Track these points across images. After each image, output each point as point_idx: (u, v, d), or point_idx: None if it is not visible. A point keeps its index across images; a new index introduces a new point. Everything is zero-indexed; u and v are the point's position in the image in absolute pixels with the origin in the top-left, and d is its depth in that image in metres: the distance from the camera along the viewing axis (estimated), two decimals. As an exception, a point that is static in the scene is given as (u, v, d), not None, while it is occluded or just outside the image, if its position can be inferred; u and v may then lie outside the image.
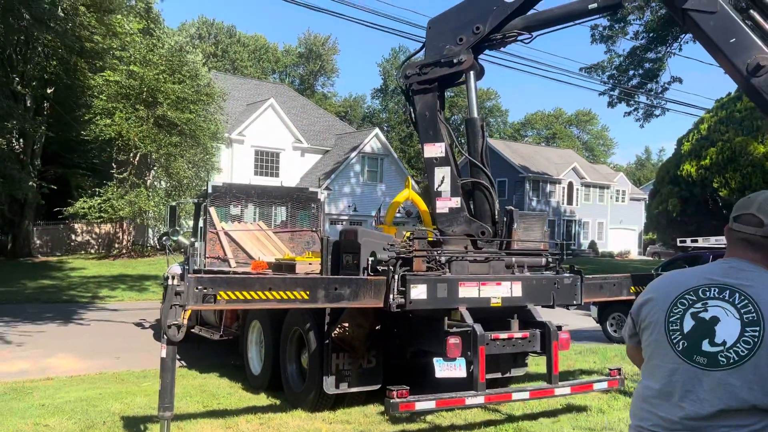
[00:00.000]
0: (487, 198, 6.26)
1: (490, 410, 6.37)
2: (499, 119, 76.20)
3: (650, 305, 2.07)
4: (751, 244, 1.97)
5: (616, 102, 24.30)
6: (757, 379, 1.79)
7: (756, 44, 5.31)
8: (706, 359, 1.87)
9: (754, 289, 1.89)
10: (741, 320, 1.86)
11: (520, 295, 5.92)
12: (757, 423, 1.79)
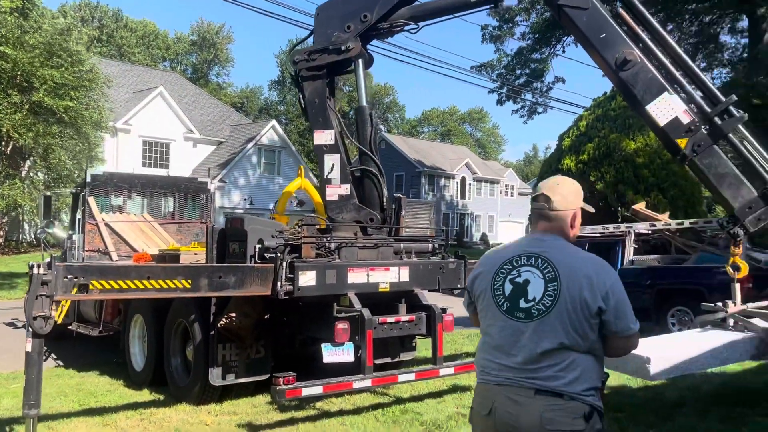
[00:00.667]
0: (376, 185, 6.34)
1: (379, 394, 6.47)
2: (397, 114, 77.46)
3: (481, 277, 2.55)
4: (544, 218, 2.52)
5: (505, 100, 25.46)
6: (560, 324, 2.30)
7: (623, 39, 5.72)
8: (524, 314, 2.36)
9: (550, 253, 2.41)
10: (544, 279, 2.37)
11: (407, 280, 6.05)
12: (567, 358, 2.29)
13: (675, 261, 11.68)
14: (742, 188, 5.57)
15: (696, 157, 5.59)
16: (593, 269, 2.38)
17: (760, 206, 5.49)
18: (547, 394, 2.27)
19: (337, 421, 5.57)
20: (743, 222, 5.54)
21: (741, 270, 5.80)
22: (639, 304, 10.98)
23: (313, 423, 5.51)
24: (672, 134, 5.65)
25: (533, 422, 2.25)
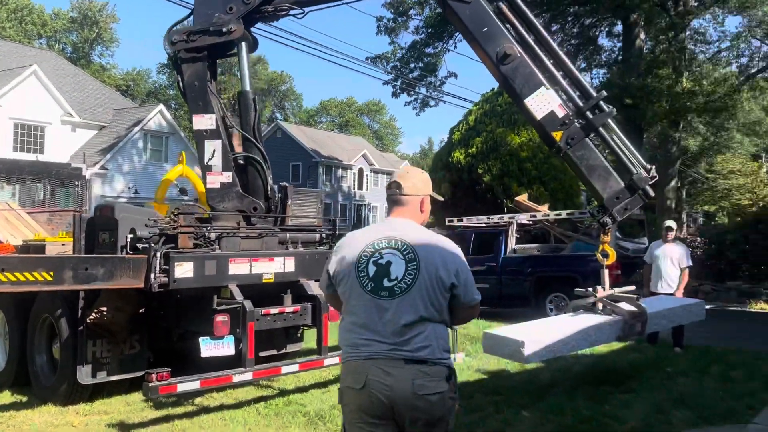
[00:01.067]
0: (260, 173, 6.18)
1: (263, 387, 6.35)
2: (294, 103, 76.42)
3: (343, 261, 2.68)
4: (397, 203, 2.77)
5: (399, 92, 25.76)
6: (420, 299, 2.55)
7: (504, 34, 5.91)
8: (387, 292, 2.57)
9: (408, 236, 2.65)
10: (404, 260, 2.60)
11: (293, 270, 5.94)
12: (427, 329, 2.54)
13: (553, 250, 12.35)
14: (611, 179, 5.94)
15: (570, 149, 5.90)
16: (445, 250, 2.69)
17: (626, 196, 5.89)
18: (414, 363, 2.49)
19: (216, 416, 5.39)
20: (611, 211, 5.93)
21: (609, 257, 6.20)
22: (520, 291, 11.56)
23: (191, 419, 5.30)
24: (548, 127, 5.92)
25: (406, 389, 2.46)
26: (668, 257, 8.18)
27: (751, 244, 15.07)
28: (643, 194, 5.90)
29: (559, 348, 5.47)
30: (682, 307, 6.80)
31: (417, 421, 2.48)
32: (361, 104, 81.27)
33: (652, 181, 5.95)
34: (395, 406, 2.48)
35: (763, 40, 23.01)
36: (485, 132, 17.62)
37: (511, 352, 5.26)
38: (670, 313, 6.61)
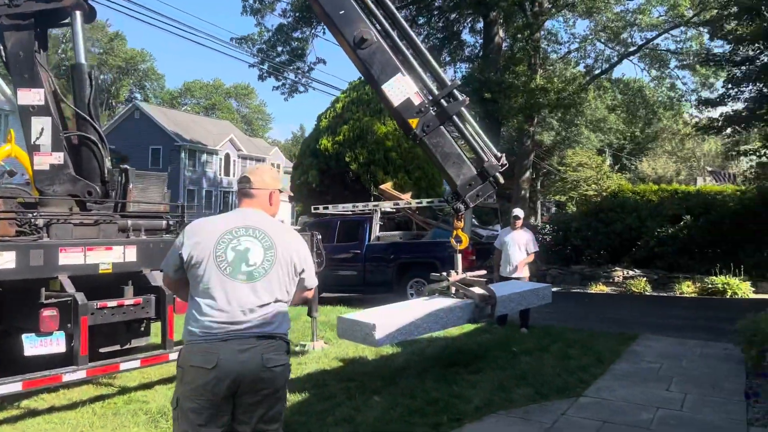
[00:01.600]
0: (96, 155, 5.68)
1: (103, 385, 5.90)
2: (156, 83, 72.25)
3: (198, 246, 2.80)
4: (248, 196, 2.98)
5: (266, 76, 25.15)
6: (276, 282, 2.81)
7: (361, 18, 5.86)
8: (246, 276, 2.76)
9: (264, 226, 2.88)
10: (263, 247, 2.82)
11: (134, 260, 5.53)
12: (276, 308, 2.80)
13: (414, 237, 12.67)
14: (464, 167, 6.12)
15: (425, 136, 5.99)
16: (297, 240, 2.99)
17: (478, 183, 6.10)
18: (264, 338, 2.75)
19: (43, 419, 4.91)
20: (464, 198, 6.12)
21: (462, 242, 6.40)
22: (383, 277, 11.74)
23: (13, 425, 4.79)
24: (405, 114, 5.97)
25: (257, 363, 2.69)
26: (516, 243, 8.64)
27: (593, 231, 16.40)
28: (494, 181, 6.15)
29: (411, 331, 5.56)
30: (530, 291, 7.17)
31: (260, 392, 2.70)
32: (228, 87, 78.58)
33: (503, 168, 6.21)
34: (243, 382, 2.66)
35: (606, 44, 25.02)
36: (352, 120, 17.67)
37: (364, 335, 5.27)
38: (519, 297, 6.96)
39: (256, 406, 2.70)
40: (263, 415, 2.72)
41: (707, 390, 5.76)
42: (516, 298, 6.90)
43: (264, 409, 2.72)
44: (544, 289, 7.38)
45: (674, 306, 12.07)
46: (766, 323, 6.34)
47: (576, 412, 5.09)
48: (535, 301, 7.25)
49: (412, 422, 4.71)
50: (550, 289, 7.56)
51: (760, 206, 14.48)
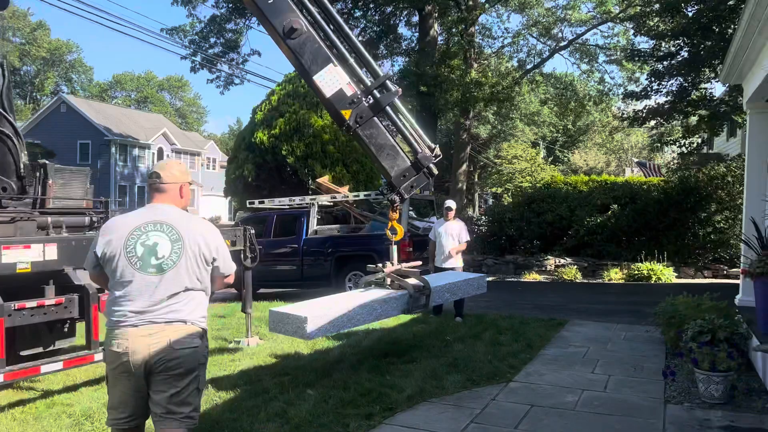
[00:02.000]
0: (11, 149, 5.42)
1: (25, 389, 5.64)
2: (83, 76, 69.34)
3: (111, 244, 3.04)
4: (159, 191, 3.18)
5: (199, 68, 24.54)
6: (186, 273, 3.05)
7: (291, 8, 5.78)
8: (155, 269, 3.01)
9: (172, 220, 3.09)
10: (170, 240, 3.05)
11: (55, 258, 5.32)
12: (188, 296, 3.07)
13: (352, 230, 12.68)
14: (398, 158, 6.13)
15: (359, 128, 5.97)
16: (205, 230, 3.18)
17: (412, 174, 6.13)
18: (174, 323, 3.02)
19: (-43, 428, 4.66)
20: (399, 189, 6.14)
21: (398, 233, 6.42)
22: (321, 270, 11.70)
23: None
24: (337, 105, 5.94)
25: (164, 346, 2.97)
26: (449, 234, 8.79)
27: (526, 222, 16.83)
28: (428, 172, 6.19)
29: (344, 323, 5.55)
30: (465, 281, 7.24)
31: (169, 372, 2.98)
32: (161, 79, 76.24)
33: (436, 159, 6.24)
34: (153, 363, 2.96)
35: (538, 39, 25.66)
36: (288, 113, 17.47)
37: (295, 328, 5.21)
38: (454, 287, 7.02)
39: (166, 386, 2.98)
40: (174, 395, 2.99)
41: (629, 371, 6.03)
42: (451, 288, 6.97)
43: (175, 390, 2.99)
44: (479, 279, 7.49)
45: (602, 292, 12.55)
46: (683, 306, 6.67)
47: (505, 397, 5.23)
48: (470, 291, 7.35)
49: (345, 414, 4.72)
50: (485, 278, 7.66)
51: (681, 195, 15.20)
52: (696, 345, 5.13)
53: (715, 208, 15.00)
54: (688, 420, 4.63)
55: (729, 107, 16.61)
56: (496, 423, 4.58)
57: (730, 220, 14.82)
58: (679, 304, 6.76)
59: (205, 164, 53.56)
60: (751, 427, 4.48)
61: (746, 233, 6.98)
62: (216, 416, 4.69)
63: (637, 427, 4.48)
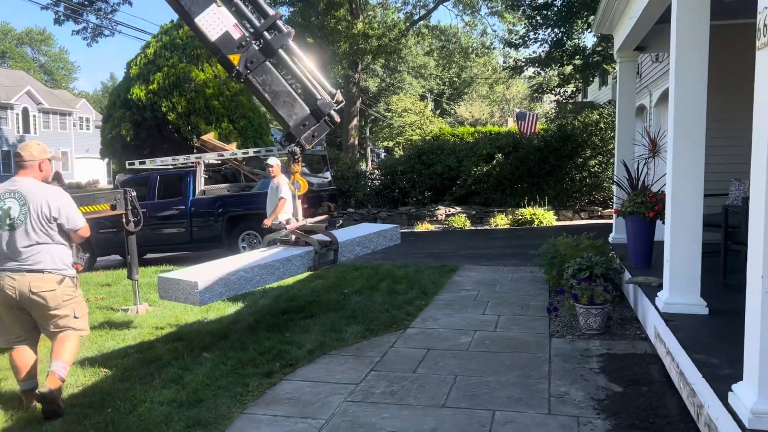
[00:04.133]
0: None
1: None
2: (-75, 29, 61.54)
3: None
4: (22, 167, 4.09)
5: (63, 19, 22.44)
6: (32, 229, 3.95)
7: None
8: (9, 227, 3.93)
9: (22, 189, 4.01)
10: (19, 204, 3.96)
11: None
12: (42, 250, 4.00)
13: (243, 189, 12.32)
14: (296, 106, 5.77)
15: (250, 74, 5.61)
16: (50, 196, 4.04)
17: (312, 123, 5.77)
18: (32, 272, 3.96)
19: None
20: (299, 140, 5.80)
21: (301, 187, 6.16)
22: (212, 232, 11.32)
23: None
24: (224, 50, 5.56)
25: (26, 290, 3.94)
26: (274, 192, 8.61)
27: (417, 174, 17.15)
28: (330, 120, 5.88)
29: (242, 285, 5.30)
30: (376, 234, 6.92)
31: (37, 309, 4.02)
32: (20, 32, 69.23)
33: (338, 106, 5.93)
34: (22, 301, 3.95)
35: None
36: (167, 67, 16.49)
37: (186, 294, 4.95)
38: (365, 240, 6.71)
39: (41, 317, 4.08)
40: (50, 322, 4.09)
41: (517, 310, 6.37)
42: (362, 241, 6.69)
43: (49, 319, 4.07)
44: (392, 230, 7.18)
45: (490, 238, 13.12)
46: (563, 246, 7.09)
47: (403, 343, 5.36)
48: (383, 243, 7.05)
49: (244, 374, 4.65)
50: (398, 229, 7.32)
51: (560, 143, 16.05)
52: (576, 282, 5.48)
53: (590, 153, 16.00)
54: (571, 351, 4.97)
55: (600, 57, 17.60)
56: (395, 369, 4.68)
57: (603, 165, 15.89)
58: (560, 245, 7.18)
59: (78, 124, 49.78)
60: (626, 353, 4.88)
61: (618, 175, 7.49)
62: (106, 387, 4.46)
63: (526, 362, 4.75)
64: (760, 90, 2.52)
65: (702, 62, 4.21)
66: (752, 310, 2.56)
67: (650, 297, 4.90)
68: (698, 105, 4.23)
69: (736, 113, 6.74)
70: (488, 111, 45.38)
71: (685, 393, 3.62)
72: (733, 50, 6.96)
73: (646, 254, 6.30)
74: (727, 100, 7.08)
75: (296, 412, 3.94)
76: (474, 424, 3.65)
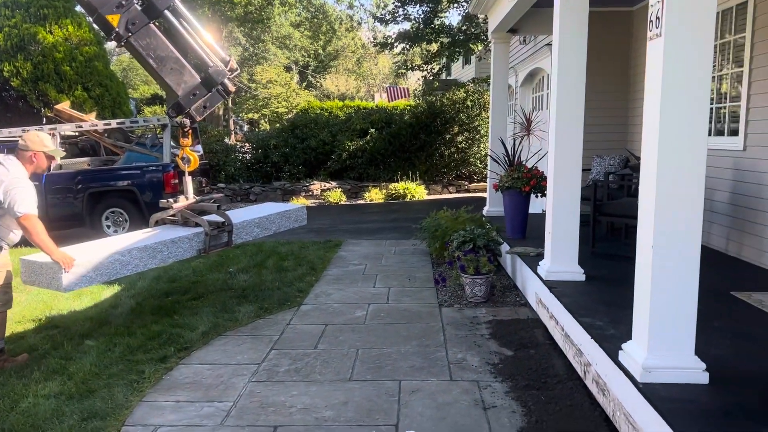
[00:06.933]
0: None
1: None
2: None
3: None
4: (17, 151, 4.31)
5: None
6: None
7: None
8: None
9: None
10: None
11: None
12: None
13: (105, 163, 11.46)
14: (185, 73, 5.37)
15: (131, 37, 5.17)
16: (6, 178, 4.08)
17: (203, 93, 5.40)
18: None
19: None
20: (189, 110, 5.38)
21: (192, 162, 5.74)
22: (71, 209, 10.45)
23: None
24: (101, 9, 5.07)
25: None
26: None
27: (290, 148, 16.91)
28: (223, 89, 5.53)
29: (117, 270, 4.87)
30: (279, 215, 6.60)
31: None
32: None
33: (233, 74, 5.59)
34: None
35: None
36: (8, 27, 14.77)
37: (50, 279, 4.43)
38: (265, 221, 6.38)
39: None
40: None
41: (405, 282, 6.58)
42: (262, 222, 6.34)
43: None
44: (297, 211, 6.83)
45: (367, 212, 13.33)
46: (444, 220, 7.41)
47: (300, 320, 5.35)
48: (287, 224, 6.71)
49: (136, 360, 4.41)
50: (304, 210, 6.97)
51: (430, 119, 16.57)
52: (462, 253, 5.77)
53: (458, 130, 16.68)
54: (461, 319, 5.25)
55: (465, 36, 18.32)
56: (296, 346, 4.67)
57: (470, 141, 16.65)
58: (441, 218, 7.49)
59: None
60: (511, 318, 5.25)
61: (494, 150, 7.91)
62: (-25, 386, 4.02)
63: (422, 331, 4.95)
64: (650, 76, 2.79)
65: (581, 46, 4.54)
66: (642, 277, 2.86)
67: (531, 266, 5.29)
68: (578, 87, 4.57)
69: (592, 94, 7.36)
70: (355, 85, 45.61)
71: (571, 353, 3.98)
72: (601, 37, 7.57)
73: (522, 226, 6.76)
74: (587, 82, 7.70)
75: (200, 396, 3.82)
76: (383, 395, 3.76)
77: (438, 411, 3.50)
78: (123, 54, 45.53)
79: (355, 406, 3.60)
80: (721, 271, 5.14)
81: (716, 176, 5.90)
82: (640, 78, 7.61)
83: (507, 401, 3.61)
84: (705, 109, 2.67)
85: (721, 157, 5.83)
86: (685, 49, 2.64)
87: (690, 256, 2.73)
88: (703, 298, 2.81)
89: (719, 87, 6.01)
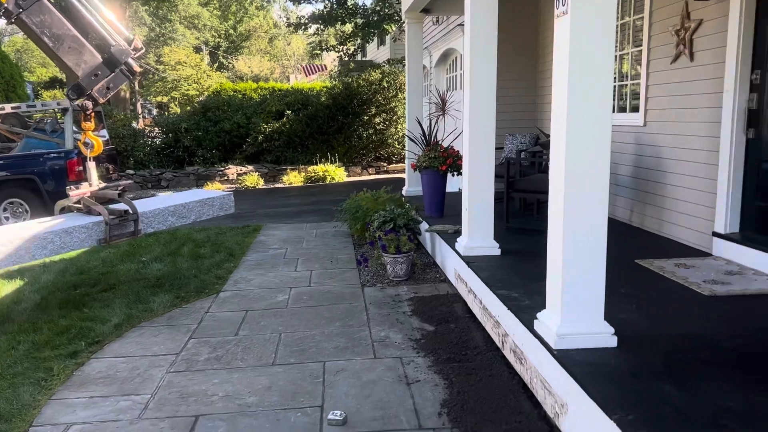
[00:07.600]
0: None
1: None
2: None
3: None
4: None
5: None
6: None
7: None
8: None
9: None
10: None
11: None
12: None
13: (1, 150, 10.69)
14: (85, 53, 5.10)
15: (23, 13, 4.83)
16: None
17: (106, 73, 5.16)
18: None
19: None
20: (91, 92, 5.15)
21: (95, 147, 5.48)
22: (-37, 201, 9.70)
23: None
24: None
25: None
26: None
27: (203, 131, 16.38)
28: (127, 70, 5.28)
29: (2, 261, 4.64)
30: (199, 202, 6.19)
31: None
32: None
33: (137, 53, 5.34)
34: None
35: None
36: None
37: None
38: (182, 209, 6.01)
39: None
40: None
41: (327, 264, 6.55)
42: (178, 210, 5.97)
43: None
44: (222, 198, 6.42)
45: (286, 196, 13.15)
46: (365, 201, 7.42)
47: (219, 307, 5.22)
48: (209, 212, 6.32)
49: (43, 357, 4.16)
50: (231, 197, 6.57)
51: (347, 100, 16.48)
52: (383, 233, 5.80)
53: (375, 111, 16.69)
54: (384, 298, 5.29)
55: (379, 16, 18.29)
56: (216, 334, 4.56)
57: (387, 122, 16.71)
58: (361, 200, 7.49)
59: None
60: (431, 295, 5.34)
61: (411, 131, 7.97)
62: None
63: (345, 312, 4.95)
64: (558, 52, 2.88)
65: (492, 26, 4.62)
66: (554, 248, 2.98)
67: (449, 243, 5.39)
68: (490, 67, 4.66)
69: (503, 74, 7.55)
70: (269, 67, 44.67)
71: (489, 325, 4.10)
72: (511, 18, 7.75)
73: (440, 205, 6.88)
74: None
75: (114, 390, 3.66)
76: (307, 377, 3.74)
77: (363, 389, 3.52)
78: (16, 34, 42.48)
79: (279, 391, 3.56)
80: (626, 240, 5.43)
81: (620, 151, 6.21)
82: (549, 58, 7.88)
83: (430, 375, 3.68)
84: (609, 84, 2.78)
85: (624, 133, 6.14)
86: (591, 26, 2.73)
87: (598, 227, 2.86)
88: (610, 266, 2.95)
89: (621, 66, 6.31)
